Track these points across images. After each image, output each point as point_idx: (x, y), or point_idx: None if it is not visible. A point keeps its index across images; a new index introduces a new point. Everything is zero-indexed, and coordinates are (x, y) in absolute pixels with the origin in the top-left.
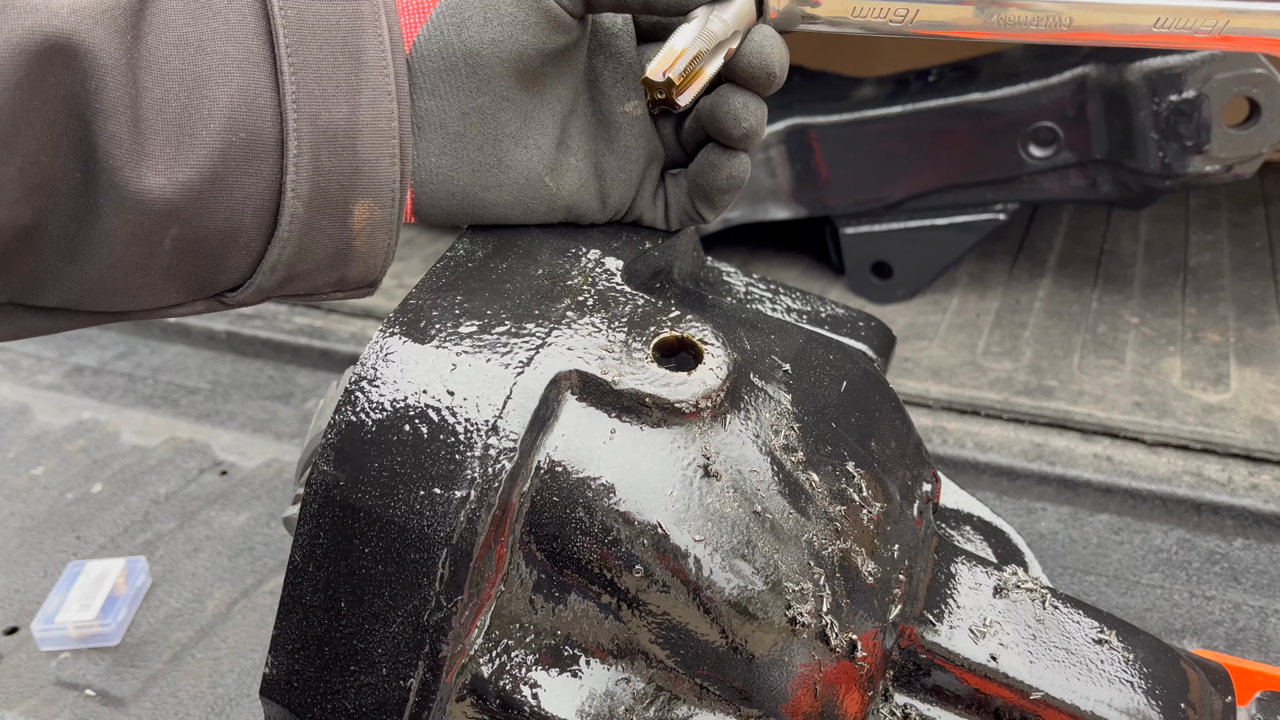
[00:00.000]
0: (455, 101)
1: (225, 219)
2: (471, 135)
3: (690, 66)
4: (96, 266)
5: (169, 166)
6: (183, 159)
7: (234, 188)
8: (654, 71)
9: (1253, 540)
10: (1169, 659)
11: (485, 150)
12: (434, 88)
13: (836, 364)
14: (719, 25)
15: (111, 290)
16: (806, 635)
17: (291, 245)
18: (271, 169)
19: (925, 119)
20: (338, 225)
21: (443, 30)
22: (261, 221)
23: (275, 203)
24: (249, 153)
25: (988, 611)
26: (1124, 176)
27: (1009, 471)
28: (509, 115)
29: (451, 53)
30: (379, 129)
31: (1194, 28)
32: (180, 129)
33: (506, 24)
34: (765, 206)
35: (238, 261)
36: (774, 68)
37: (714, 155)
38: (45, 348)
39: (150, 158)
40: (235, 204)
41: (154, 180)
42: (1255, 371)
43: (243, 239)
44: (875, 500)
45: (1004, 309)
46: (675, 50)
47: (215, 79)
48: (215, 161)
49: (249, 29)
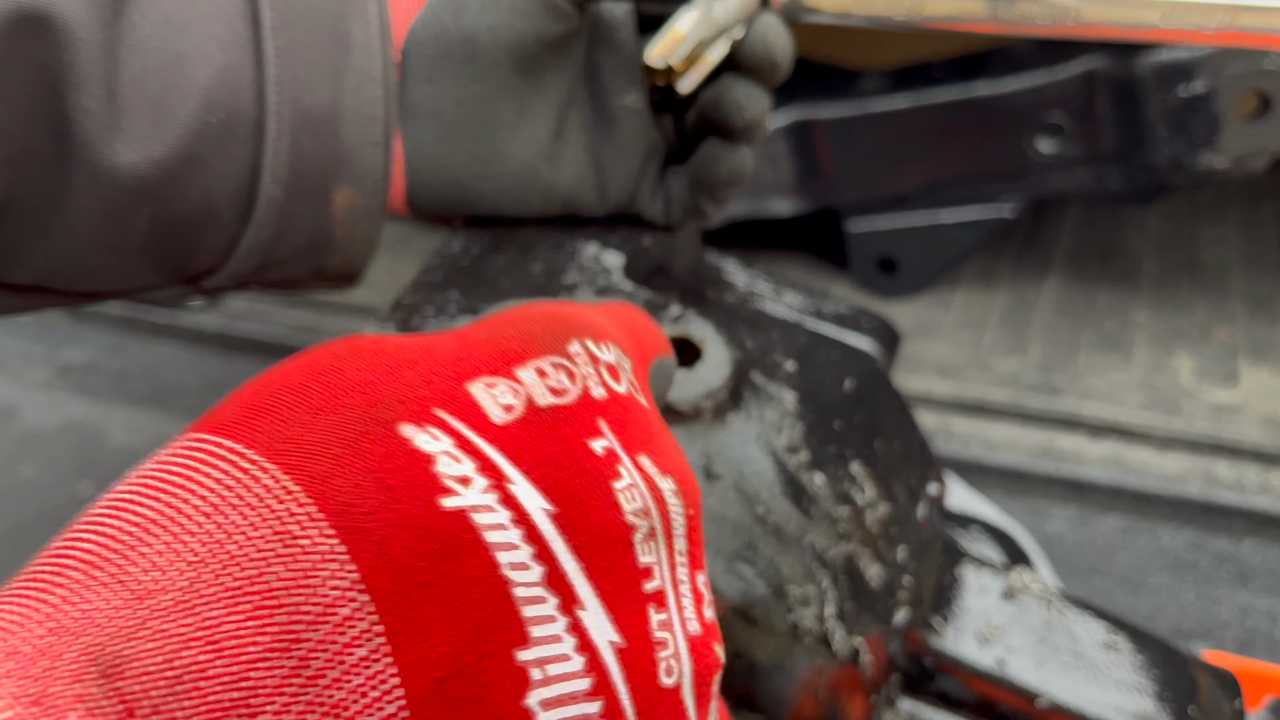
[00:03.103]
0: (451, 89)
1: (201, 199)
2: (467, 124)
3: (691, 52)
4: (69, 243)
5: (144, 143)
6: (159, 136)
7: (210, 168)
8: (654, 57)
9: (1263, 541)
10: (1178, 663)
11: (480, 139)
12: (429, 74)
13: (840, 362)
14: (722, 11)
15: (84, 269)
16: (809, 640)
17: (268, 230)
18: (250, 151)
19: (931, 112)
20: (317, 212)
21: (439, 16)
22: (238, 204)
23: (253, 185)
24: (227, 133)
25: (995, 616)
26: (1132, 171)
27: (1016, 472)
28: (505, 104)
29: (448, 39)
30: (363, 115)
31: (1201, 24)
32: (158, 106)
33: (505, 11)
34: (768, 201)
35: (213, 244)
36: (778, 57)
37: (716, 148)
38: (34, 345)
39: (125, 133)
40: (211, 185)
41: (128, 156)
42: (1266, 369)
43: (219, 221)
44: (880, 502)
45: (1010, 305)
46: (677, 35)
47: (196, 57)
48: (191, 140)
49: (234, 9)
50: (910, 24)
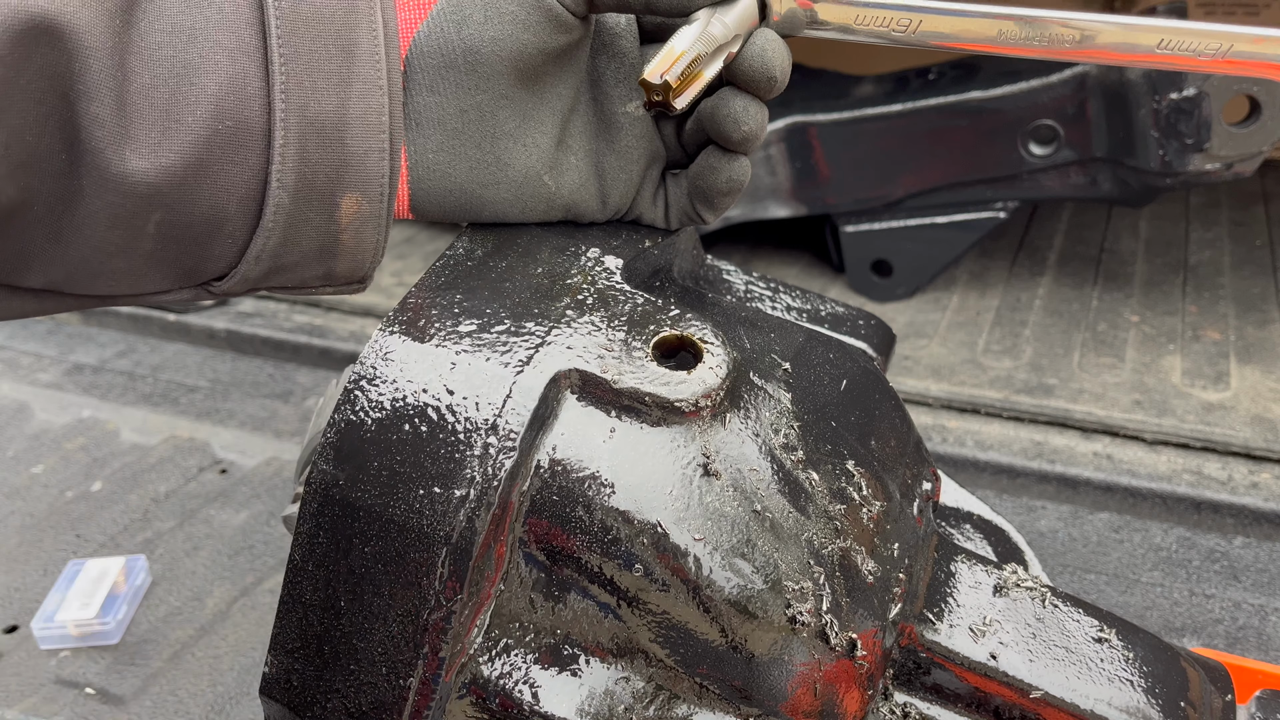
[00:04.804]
0: (454, 98)
1: (209, 206)
2: (470, 132)
3: (688, 69)
4: (80, 248)
5: (153, 151)
6: (167, 144)
7: (218, 175)
8: (651, 73)
9: (1253, 538)
10: (1169, 657)
11: (484, 148)
12: (433, 84)
13: (836, 362)
14: (719, 28)
15: (95, 273)
16: (806, 634)
17: (276, 236)
18: (257, 158)
19: (926, 117)
20: (324, 218)
21: (443, 27)
22: (246, 211)
23: (260, 192)
24: (235, 141)
25: (987, 610)
26: (1124, 174)
27: (1009, 470)
28: (508, 113)
29: (451, 50)
30: (369, 122)
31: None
32: (167, 114)
33: (508, 22)
34: (765, 204)
35: (222, 250)
36: (775, 72)
37: (714, 158)
38: (45, 346)
39: (134, 141)
40: (220, 192)
41: (137, 164)
42: (1255, 370)
43: (227, 227)
44: (875, 499)
45: (1004, 307)
46: (674, 52)
47: (205, 66)
48: (200, 148)
49: (242, 18)
50: (909, 42)
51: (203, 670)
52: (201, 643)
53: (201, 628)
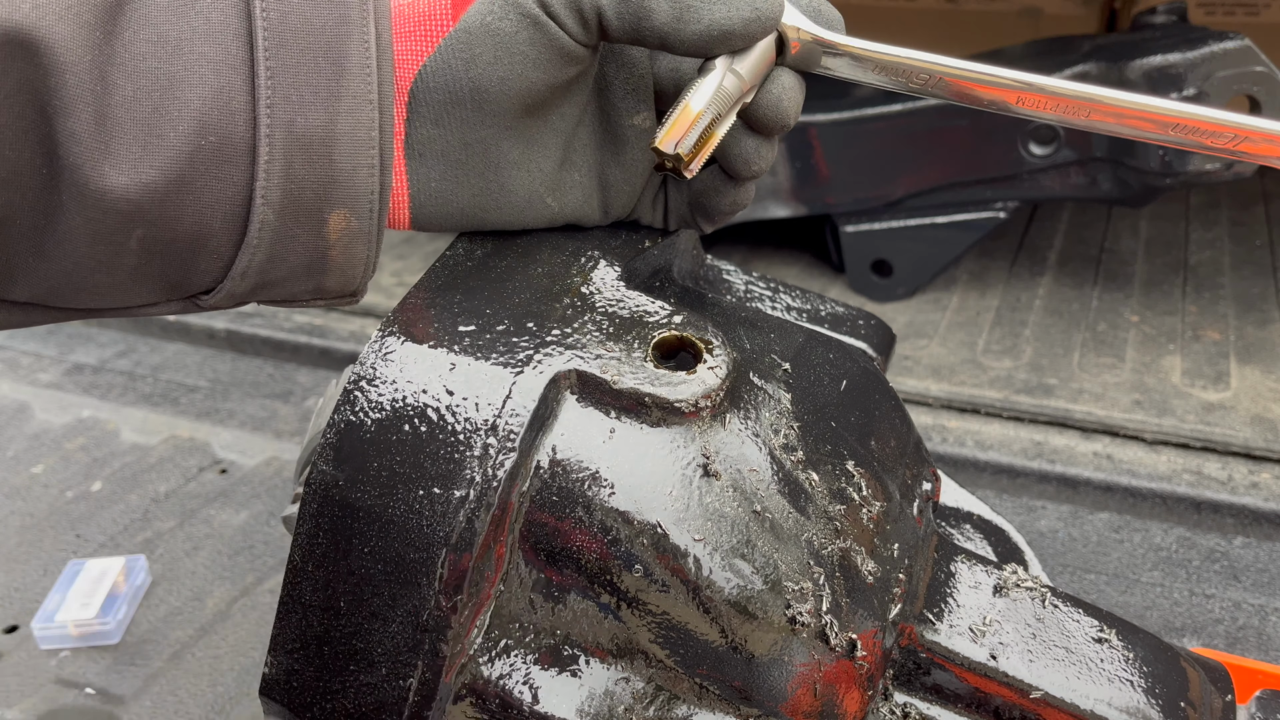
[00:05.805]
0: (458, 132)
1: (193, 223)
2: (473, 163)
3: (702, 136)
4: (63, 263)
5: (133, 167)
6: (148, 160)
7: (201, 192)
8: (664, 142)
9: (1253, 538)
10: (1169, 657)
11: (486, 176)
12: (437, 118)
13: (836, 363)
14: (734, 83)
15: (79, 287)
16: (806, 634)
17: (262, 252)
18: (242, 174)
19: (925, 117)
20: (312, 234)
21: (451, 64)
22: (231, 227)
23: (245, 209)
24: (219, 156)
25: (987, 610)
26: (1124, 174)
27: (1009, 470)
28: (511, 143)
29: (458, 88)
30: (358, 138)
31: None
32: (148, 129)
33: (517, 62)
34: (765, 205)
35: (208, 266)
36: (789, 120)
37: (719, 182)
38: (45, 346)
39: (114, 156)
40: (203, 208)
41: (117, 180)
42: (1255, 370)
43: (212, 244)
44: (875, 499)
45: (1004, 307)
46: (689, 114)
47: (189, 79)
48: (182, 164)
49: (229, 29)
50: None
51: (203, 670)
52: (201, 643)
53: (201, 628)
